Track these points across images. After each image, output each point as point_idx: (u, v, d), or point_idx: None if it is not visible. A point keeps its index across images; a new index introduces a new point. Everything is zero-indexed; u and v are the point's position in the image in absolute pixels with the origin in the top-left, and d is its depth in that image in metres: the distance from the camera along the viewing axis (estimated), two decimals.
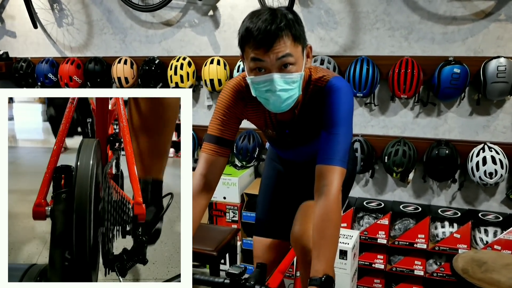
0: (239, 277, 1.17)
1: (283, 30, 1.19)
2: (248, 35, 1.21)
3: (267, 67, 1.23)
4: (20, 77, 3.69)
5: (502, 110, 2.65)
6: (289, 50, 1.21)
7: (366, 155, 2.81)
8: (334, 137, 1.28)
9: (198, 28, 3.26)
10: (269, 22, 1.18)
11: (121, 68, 3.32)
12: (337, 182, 1.25)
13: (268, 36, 1.18)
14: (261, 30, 1.18)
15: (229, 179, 3.00)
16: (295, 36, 1.22)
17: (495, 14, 2.55)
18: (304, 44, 1.28)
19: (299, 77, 1.26)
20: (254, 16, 1.22)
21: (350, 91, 1.36)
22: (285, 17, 1.21)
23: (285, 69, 1.23)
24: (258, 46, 1.19)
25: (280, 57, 1.20)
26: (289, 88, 1.26)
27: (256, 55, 1.21)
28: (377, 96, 2.88)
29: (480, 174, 2.54)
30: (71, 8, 3.60)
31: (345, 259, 2.43)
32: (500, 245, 2.48)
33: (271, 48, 1.19)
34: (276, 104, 1.29)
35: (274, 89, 1.24)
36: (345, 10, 2.84)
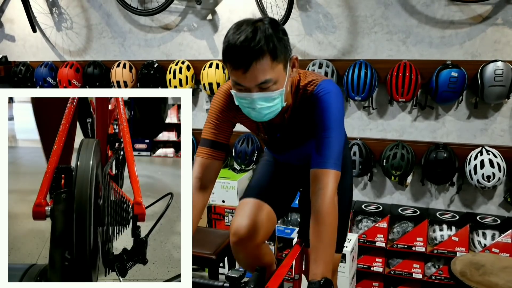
0: (239, 281, 1.17)
1: (261, 53, 1.16)
2: (227, 52, 1.20)
3: (246, 87, 1.23)
4: (19, 81, 3.69)
5: (500, 113, 2.66)
6: (268, 74, 1.19)
7: (365, 158, 2.81)
8: (327, 141, 1.29)
9: (197, 32, 3.27)
10: (248, 41, 1.16)
11: (120, 72, 3.32)
12: (331, 185, 1.26)
13: (245, 58, 1.16)
14: (238, 51, 1.17)
15: (228, 183, 3.00)
16: (274, 56, 1.19)
17: (492, 18, 2.56)
18: (287, 57, 1.26)
19: (279, 93, 1.26)
20: (236, 32, 1.19)
21: (340, 93, 1.36)
22: (264, 35, 1.17)
23: (265, 89, 1.23)
24: (236, 67, 1.19)
25: (258, 83, 1.20)
26: (270, 105, 1.26)
27: (236, 78, 1.21)
28: (375, 99, 2.89)
29: (478, 177, 2.54)
30: (70, 12, 3.61)
31: (344, 262, 2.43)
32: (498, 248, 2.49)
33: (248, 71, 1.18)
34: (257, 117, 1.31)
35: (254, 107, 1.25)
36: (343, 14, 2.85)
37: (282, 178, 1.73)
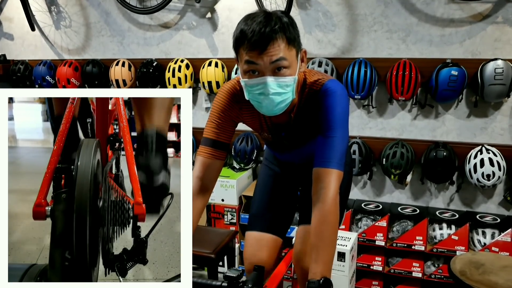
0: (237, 280, 1.17)
1: (277, 33, 1.19)
2: (242, 37, 1.21)
3: (260, 70, 1.22)
4: (17, 79, 3.68)
5: (500, 112, 2.66)
6: (283, 53, 1.20)
7: (364, 157, 2.81)
8: (331, 140, 1.28)
9: (196, 31, 3.26)
10: (264, 24, 1.18)
11: (119, 70, 3.31)
12: (334, 185, 1.25)
13: (262, 38, 1.18)
14: (255, 32, 1.18)
15: (227, 181, 2.99)
16: (289, 39, 1.21)
17: (493, 17, 2.56)
18: (299, 48, 1.28)
19: (292, 80, 1.26)
20: (249, 19, 1.22)
21: (345, 93, 1.36)
22: (279, 20, 1.20)
23: (279, 72, 1.23)
24: (252, 48, 1.19)
25: (274, 60, 1.20)
26: (283, 91, 1.25)
27: (250, 57, 1.21)
28: (375, 98, 2.89)
29: (478, 176, 2.54)
30: (69, 11, 3.60)
31: (343, 261, 2.43)
32: (497, 247, 2.49)
33: (265, 51, 1.18)
34: (268, 107, 1.28)
35: (267, 92, 1.24)
36: (343, 13, 2.85)
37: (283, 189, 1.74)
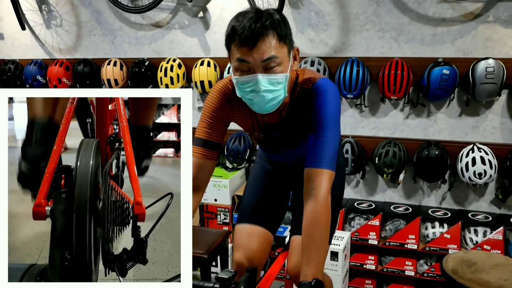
0: (229, 282, 1.16)
1: (268, 29, 1.18)
2: (233, 33, 1.20)
3: (251, 67, 1.22)
4: (8, 79, 3.64)
5: (491, 111, 2.67)
6: (274, 51, 1.20)
7: (357, 156, 2.81)
8: (322, 140, 1.28)
9: (188, 30, 3.24)
10: (254, 20, 1.18)
11: (110, 70, 3.29)
12: (325, 185, 1.25)
13: (253, 34, 1.17)
14: (245, 28, 1.17)
15: (220, 181, 2.98)
16: (280, 36, 1.21)
17: (484, 16, 2.57)
18: (291, 45, 1.27)
19: (284, 78, 1.25)
20: (240, 16, 1.22)
21: (337, 92, 1.35)
22: (271, 17, 1.20)
23: (270, 70, 1.22)
24: (243, 44, 1.19)
25: (265, 59, 1.20)
26: (274, 89, 1.25)
27: (241, 55, 1.21)
28: (367, 97, 2.89)
29: (470, 174, 2.55)
30: (60, 10, 3.57)
31: (336, 261, 2.43)
32: (489, 245, 2.50)
33: (255, 47, 1.18)
34: (260, 104, 1.28)
35: (258, 90, 1.23)
36: (335, 12, 2.84)
37: (274, 186, 1.73)
